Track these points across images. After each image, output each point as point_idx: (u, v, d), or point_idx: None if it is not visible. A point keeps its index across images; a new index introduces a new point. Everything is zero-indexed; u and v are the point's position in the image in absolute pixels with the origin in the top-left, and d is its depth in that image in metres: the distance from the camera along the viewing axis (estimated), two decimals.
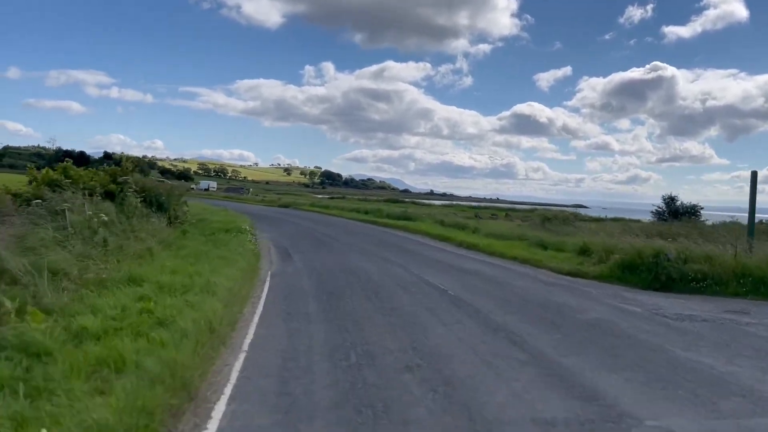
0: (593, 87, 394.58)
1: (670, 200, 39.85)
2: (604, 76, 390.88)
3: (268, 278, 14.01)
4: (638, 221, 42.37)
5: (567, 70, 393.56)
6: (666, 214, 38.27)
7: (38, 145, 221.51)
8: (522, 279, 16.04)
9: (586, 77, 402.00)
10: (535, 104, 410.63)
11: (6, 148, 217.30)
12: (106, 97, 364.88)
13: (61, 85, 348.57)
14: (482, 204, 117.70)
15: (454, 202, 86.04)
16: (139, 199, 17.54)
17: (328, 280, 14.17)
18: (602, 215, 75.09)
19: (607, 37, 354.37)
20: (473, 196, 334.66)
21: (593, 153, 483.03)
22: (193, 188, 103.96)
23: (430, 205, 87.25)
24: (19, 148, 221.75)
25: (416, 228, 29.20)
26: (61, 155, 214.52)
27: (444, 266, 17.87)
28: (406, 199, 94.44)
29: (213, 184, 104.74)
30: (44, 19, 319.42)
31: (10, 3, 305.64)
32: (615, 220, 53.97)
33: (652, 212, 41.97)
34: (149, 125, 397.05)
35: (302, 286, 13.28)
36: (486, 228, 27.99)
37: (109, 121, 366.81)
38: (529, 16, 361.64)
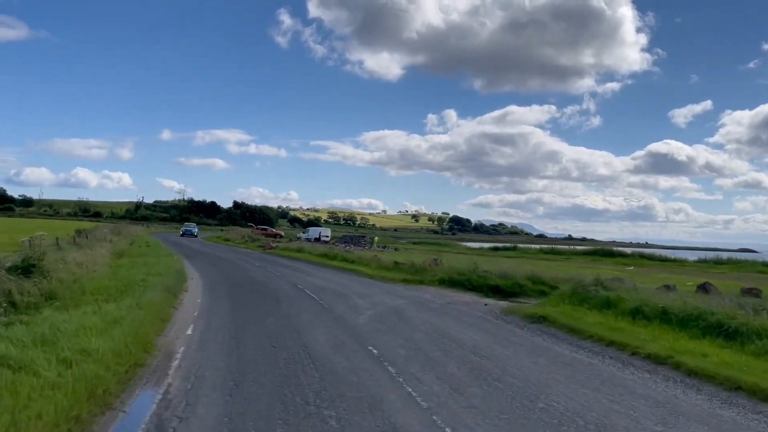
0: (738, 120, 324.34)
1: None
2: (751, 108, 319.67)
3: None
4: None
5: (706, 104, 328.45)
6: None
7: (182, 198, 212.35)
8: None
9: (729, 111, 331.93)
10: (672, 142, 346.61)
11: (156, 202, 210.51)
12: (245, 153, 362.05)
13: (206, 144, 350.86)
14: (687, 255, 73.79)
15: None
16: None
17: None
18: None
19: (751, 65, 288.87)
20: (617, 240, 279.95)
21: (742, 192, 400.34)
22: (299, 237, 71.87)
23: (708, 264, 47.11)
24: (166, 201, 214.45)
25: None
26: (192, 206, 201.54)
27: None
28: (627, 250, 54.39)
29: (326, 232, 71.29)
30: (190, 85, 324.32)
31: (162, 73, 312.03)
32: None
33: None
34: (284, 178, 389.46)
35: None
36: None
37: (248, 175, 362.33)
38: (660, 50, 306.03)
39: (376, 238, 61.85)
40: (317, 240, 66.07)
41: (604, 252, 53.35)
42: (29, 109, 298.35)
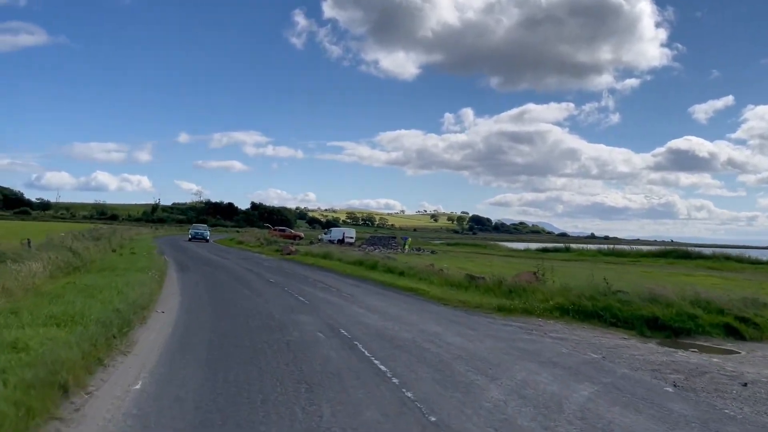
0: (761, 115, 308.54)
1: None
2: None
3: None
4: None
5: (728, 99, 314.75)
6: None
7: (199, 199, 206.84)
8: None
9: (751, 105, 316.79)
10: (693, 138, 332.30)
11: (174, 204, 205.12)
12: (262, 154, 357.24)
13: (223, 146, 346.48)
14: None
15: None
16: None
17: None
18: None
19: None
20: (640, 238, 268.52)
21: (766, 188, 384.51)
22: (321, 238, 64.25)
23: None
24: (184, 203, 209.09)
25: None
26: (209, 207, 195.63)
27: None
28: (706, 251, 45.62)
29: (350, 233, 63.46)
30: (207, 88, 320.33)
31: (179, 76, 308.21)
32: None
33: None
34: (301, 179, 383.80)
35: None
36: None
37: (266, 176, 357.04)
38: (680, 45, 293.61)
39: (409, 240, 53.84)
40: (341, 242, 58.60)
41: (678, 253, 44.69)
42: (49, 113, 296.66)
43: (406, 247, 50.02)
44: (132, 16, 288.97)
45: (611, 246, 51.76)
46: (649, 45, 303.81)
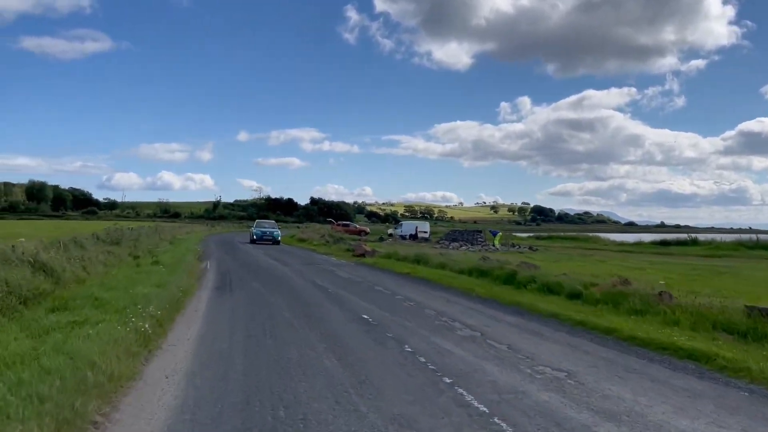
0: None
1: None
2: None
3: None
4: None
5: None
6: None
7: (259, 196, 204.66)
8: None
9: None
10: (766, 120, 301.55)
11: (235, 201, 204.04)
12: (319, 150, 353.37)
13: (281, 143, 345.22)
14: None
15: None
16: None
17: None
18: None
19: None
20: (715, 226, 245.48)
21: None
22: (391, 234, 56.12)
23: None
24: (245, 200, 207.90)
25: None
26: (269, 203, 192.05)
27: None
28: None
29: (424, 227, 55.11)
30: (263, 87, 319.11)
31: (236, 76, 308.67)
32: None
33: None
34: (358, 173, 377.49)
35: None
36: None
37: (324, 172, 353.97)
38: (749, 22, 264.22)
39: (500, 234, 44.55)
40: (413, 237, 50.38)
41: None
42: (117, 117, 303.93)
43: (497, 242, 41.10)
44: (190, 19, 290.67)
45: (753, 236, 40.92)
46: (716, 23, 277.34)
